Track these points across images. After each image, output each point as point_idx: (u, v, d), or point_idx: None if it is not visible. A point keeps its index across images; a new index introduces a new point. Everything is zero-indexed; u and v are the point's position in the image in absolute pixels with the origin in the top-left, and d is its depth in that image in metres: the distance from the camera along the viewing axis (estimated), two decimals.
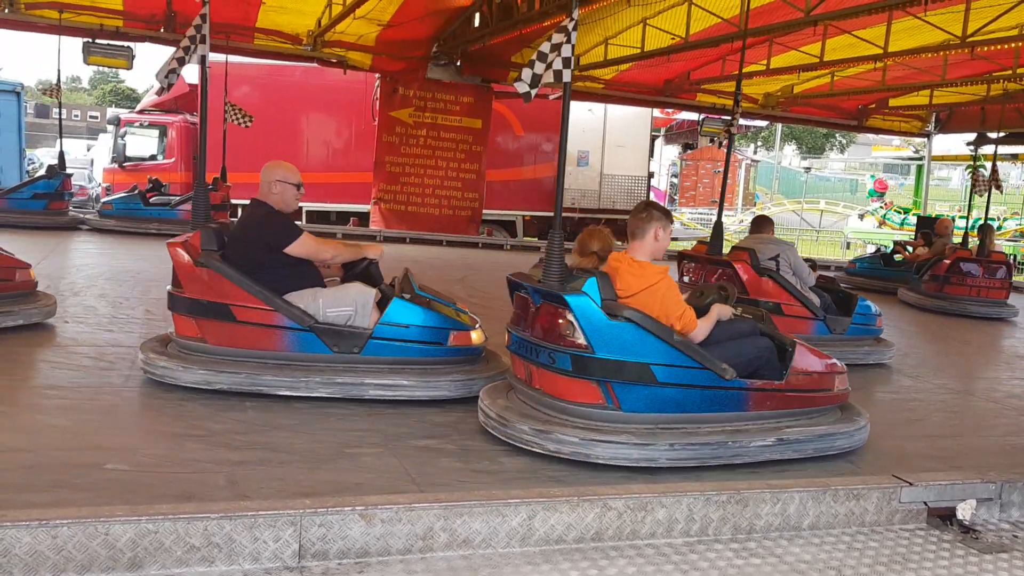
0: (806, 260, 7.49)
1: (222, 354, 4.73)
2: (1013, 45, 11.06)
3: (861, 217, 26.79)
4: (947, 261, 10.91)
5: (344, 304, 4.82)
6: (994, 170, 11.89)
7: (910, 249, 13.12)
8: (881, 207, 26.45)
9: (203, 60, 5.69)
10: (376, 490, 3.45)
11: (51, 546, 2.66)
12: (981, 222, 12.28)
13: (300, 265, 4.86)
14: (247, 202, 5.45)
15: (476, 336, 5.13)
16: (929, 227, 16.87)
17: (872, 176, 30.19)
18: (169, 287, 4.99)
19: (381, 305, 4.90)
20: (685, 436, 4.07)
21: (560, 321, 4.05)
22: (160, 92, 12.55)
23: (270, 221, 4.86)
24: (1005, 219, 25.21)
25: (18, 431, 3.93)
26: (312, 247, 4.89)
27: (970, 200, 13.77)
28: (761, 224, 7.75)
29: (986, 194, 11.85)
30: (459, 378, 4.92)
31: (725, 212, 29.18)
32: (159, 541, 2.74)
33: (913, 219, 24.64)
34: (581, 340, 3.99)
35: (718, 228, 7.75)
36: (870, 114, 17.97)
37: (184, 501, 3.13)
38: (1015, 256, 21.57)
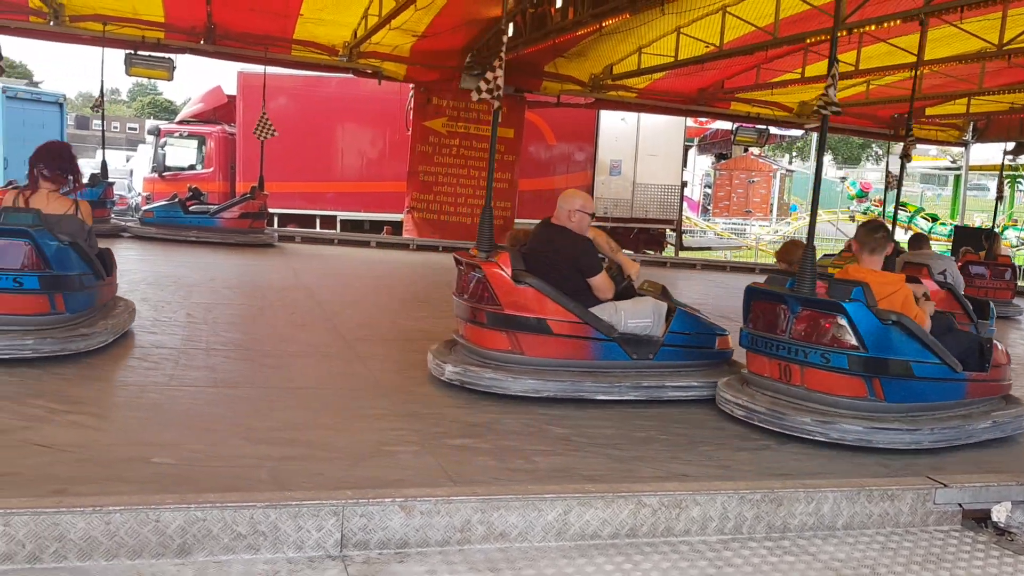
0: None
1: (537, 364, 5.19)
2: None
3: (852, 218, 26.58)
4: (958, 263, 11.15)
5: (644, 316, 5.38)
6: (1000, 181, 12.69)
7: None
8: (870, 207, 26.12)
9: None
10: (414, 485, 3.52)
11: (104, 532, 2.76)
12: (987, 228, 12.83)
13: None
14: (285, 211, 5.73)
15: (730, 340, 5.77)
16: (969, 238, 16.70)
17: (853, 183, 29.76)
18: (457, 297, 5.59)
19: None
20: (937, 422, 4.71)
21: (833, 325, 4.63)
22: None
23: (583, 250, 5.32)
24: (1004, 227, 24.97)
25: (68, 427, 4.06)
26: (603, 285, 5.35)
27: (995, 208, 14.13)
28: (920, 241, 8.99)
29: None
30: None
31: (760, 223, 29.02)
32: (207, 528, 2.83)
33: (942, 228, 24.43)
34: (853, 341, 4.56)
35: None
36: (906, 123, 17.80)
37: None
38: None
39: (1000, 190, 14.06)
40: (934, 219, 26.41)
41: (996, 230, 15.09)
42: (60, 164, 5.63)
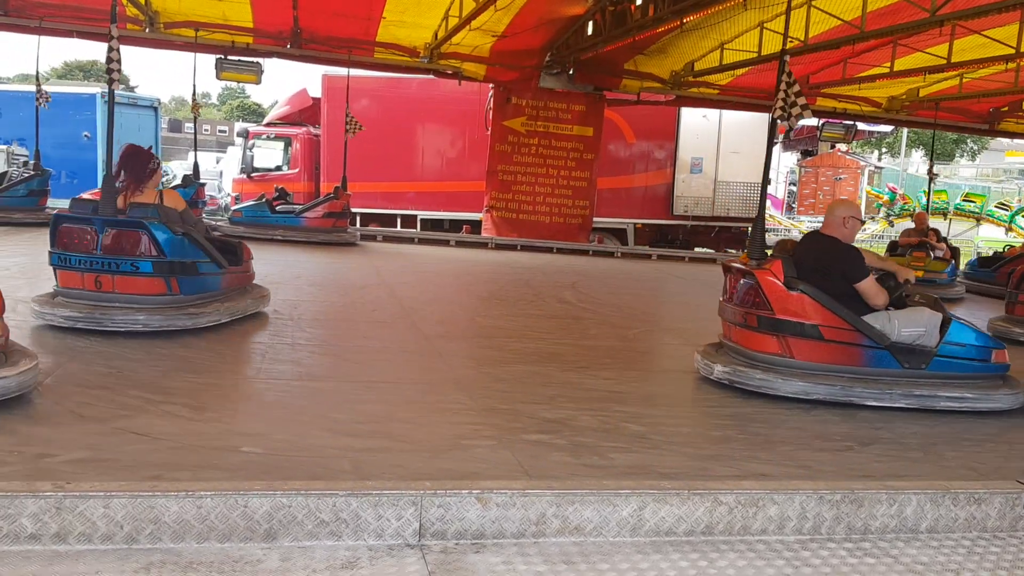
0: None
1: (806, 368, 5.39)
2: None
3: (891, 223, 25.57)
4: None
5: (917, 325, 5.41)
6: None
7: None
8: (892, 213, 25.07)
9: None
10: (491, 478, 3.57)
11: (196, 515, 2.90)
12: None
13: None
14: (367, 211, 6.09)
15: (1007, 354, 5.70)
16: None
17: (876, 189, 28.35)
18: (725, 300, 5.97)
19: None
20: None
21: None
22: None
23: (852, 256, 5.46)
24: None
25: (162, 416, 4.25)
26: (872, 291, 5.42)
27: None
28: None
29: None
30: (1008, 392, 5.47)
31: None
32: (292, 515, 2.94)
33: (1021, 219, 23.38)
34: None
35: None
36: (1002, 117, 17.12)
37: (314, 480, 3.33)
38: None
39: None
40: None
41: None
42: (133, 167, 6.15)
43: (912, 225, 13.88)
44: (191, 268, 6.04)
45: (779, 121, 6.37)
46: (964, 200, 25.46)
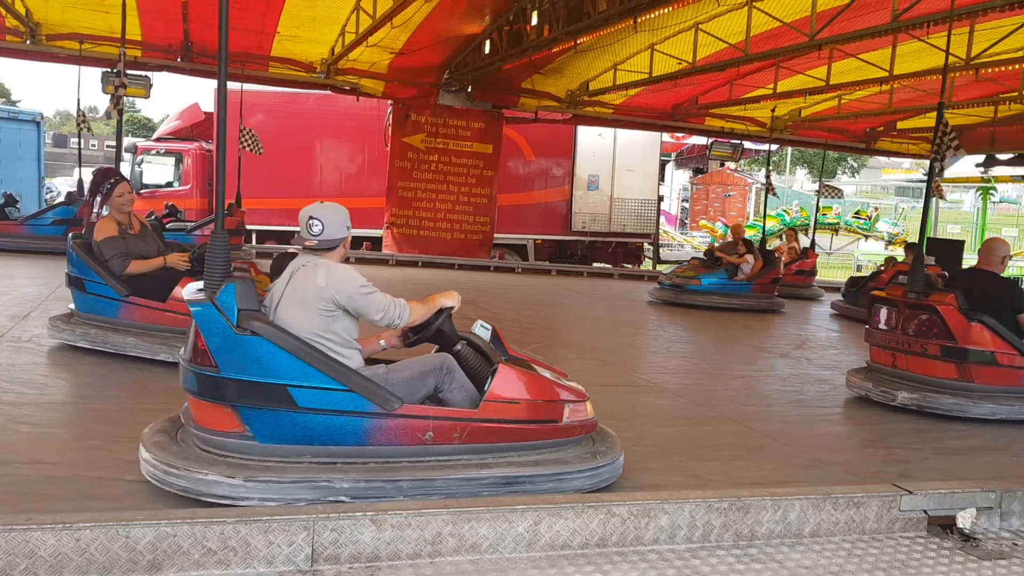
0: None
1: (985, 391, 5.94)
2: (1018, 66, 11.18)
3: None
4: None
5: None
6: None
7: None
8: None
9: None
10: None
11: (74, 548, 2.77)
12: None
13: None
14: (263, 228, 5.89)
15: None
16: (940, 248, 16.95)
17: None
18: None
19: None
20: None
21: None
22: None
23: (1015, 290, 6.15)
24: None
25: (40, 443, 4.05)
26: None
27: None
28: None
29: None
30: None
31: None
32: (177, 544, 2.85)
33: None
34: None
35: None
36: (878, 136, 18.09)
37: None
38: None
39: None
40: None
41: None
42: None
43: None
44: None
45: (935, 161, 6.92)
46: (854, 217, 26.71)
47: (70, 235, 6.17)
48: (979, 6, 8.40)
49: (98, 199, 6.19)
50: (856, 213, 27.14)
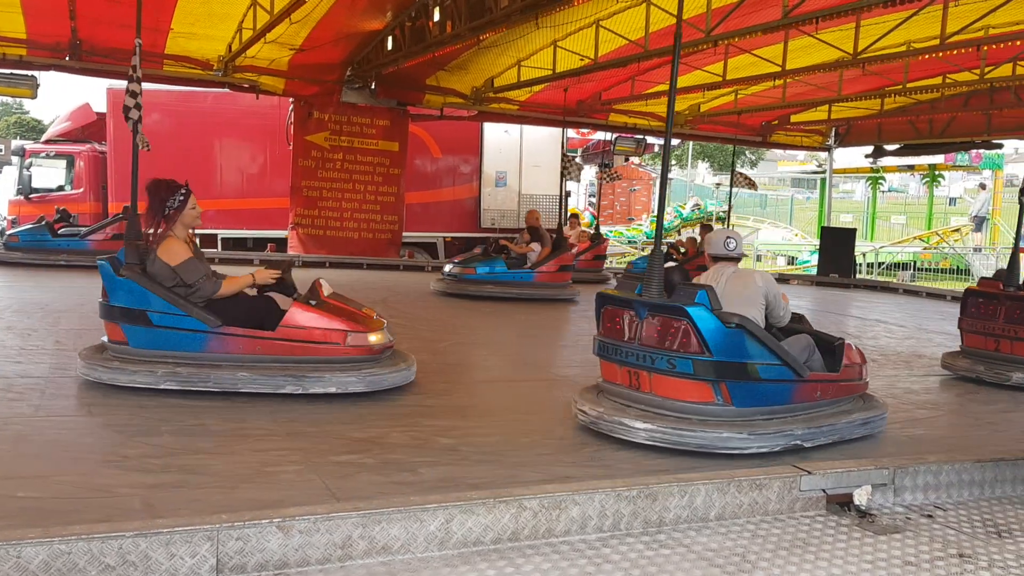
0: None
1: None
2: (901, 61, 11.71)
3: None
4: None
5: None
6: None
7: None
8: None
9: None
10: (294, 504, 3.48)
11: None
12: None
13: None
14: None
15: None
16: (834, 238, 17.63)
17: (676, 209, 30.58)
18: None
19: None
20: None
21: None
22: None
23: None
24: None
25: None
26: None
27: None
28: None
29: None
30: None
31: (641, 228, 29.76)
32: (73, 562, 2.73)
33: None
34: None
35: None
36: (773, 130, 18.68)
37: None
38: (914, 262, 22.69)
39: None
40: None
41: None
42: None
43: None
44: None
45: None
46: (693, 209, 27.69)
47: (104, 261, 5.42)
48: (863, 2, 8.75)
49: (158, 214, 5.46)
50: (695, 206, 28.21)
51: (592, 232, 15.85)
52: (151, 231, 5.40)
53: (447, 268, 11.84)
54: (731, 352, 4.48)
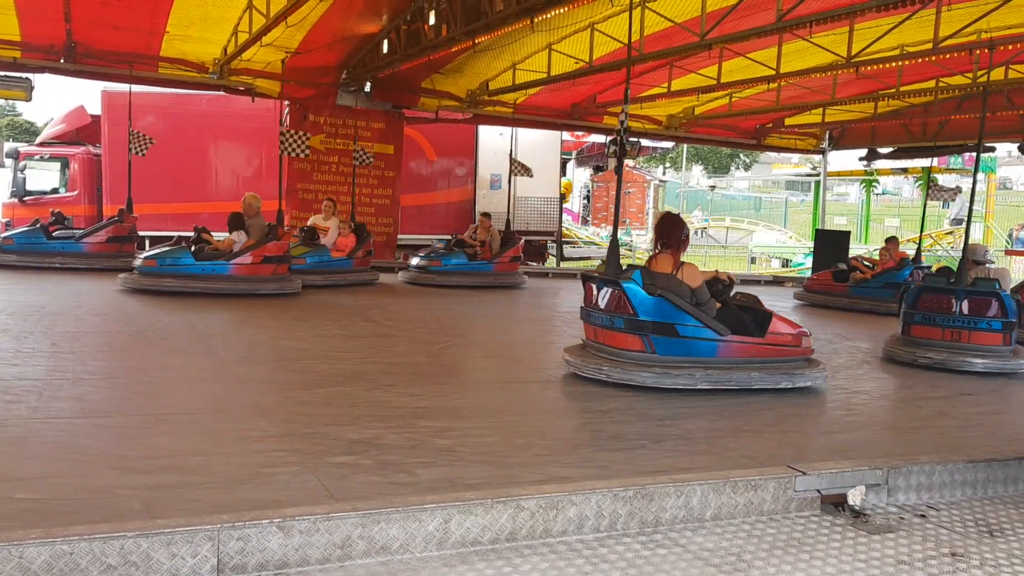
0: None
1: None
2: (895, 64, 11.78)
3: None
4: None
5: None
6: None
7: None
8: None
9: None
10: (293, 505, 3.50)
11: None
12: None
13: None
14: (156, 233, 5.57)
15: None
16: (828, 240, 17.66)
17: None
18: None
19: None
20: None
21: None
22: None
23: None
24: None
25: None
26: None
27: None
28: None
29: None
30: None
31: (636, 232, 29.89)
32: (75, 562, 2.75)
33: None
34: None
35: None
36: (768, 133, 18.76)
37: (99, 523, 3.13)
38: None
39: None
40: None
41: None
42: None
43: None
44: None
45: None
46: None
47: (630, 282, 6.16)
48: (857, 7, 8.81)
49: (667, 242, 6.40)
50: None
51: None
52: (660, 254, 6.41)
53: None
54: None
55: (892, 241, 13.45)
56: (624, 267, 6.50)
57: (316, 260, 12.00)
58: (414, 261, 13.22)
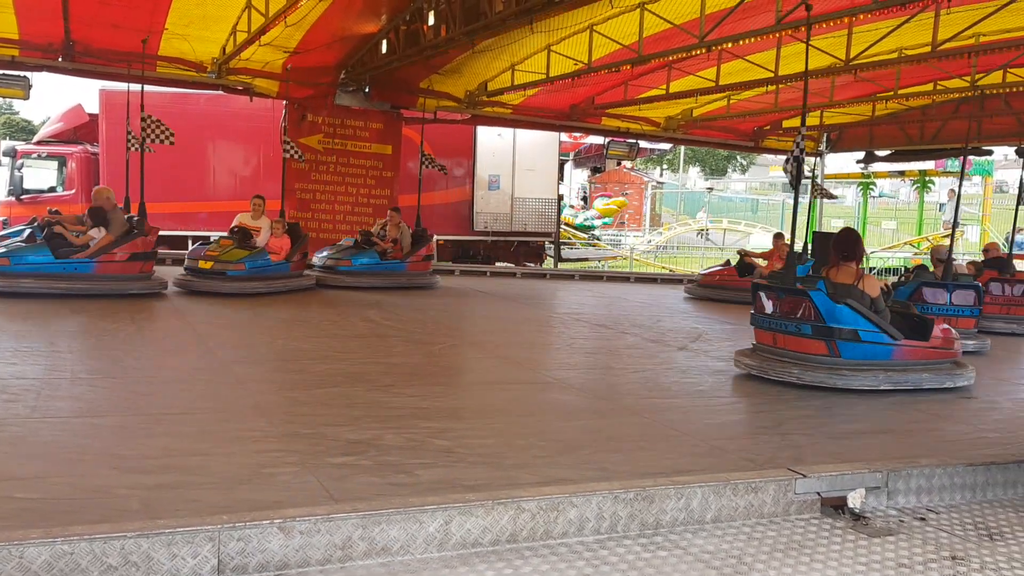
0: None
1: None
2: (893, 67, 11.80)
3: None
4: None
5: None
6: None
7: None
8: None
9: None
10: (293, 506, 3.49)
11: None
12: None
13: None
14: (164, 232, 5.51)
15: None
16: (824, 242, 17.65)
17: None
18: None
19: None
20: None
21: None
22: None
23: None
24: None
25: None
26: None
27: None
28: None
29: None
30: None
31: (633, 233, 29.89)
32: (75, 562, 2.74)
33: None
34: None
35: None
36: (765, 135, 18.77)
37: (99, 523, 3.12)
38: (904, 267, 22.84)
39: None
40: None
41: None
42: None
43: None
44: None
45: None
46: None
47: (817, 291, 6.64)
48: (857, 8, 8.82)
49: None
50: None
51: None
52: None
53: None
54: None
55: (780, 237, 13.72)
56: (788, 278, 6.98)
57: (256, 265, 10.86)
58: (317, 260, 12.34)
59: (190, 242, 16.24)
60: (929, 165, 24.07)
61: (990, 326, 10.36)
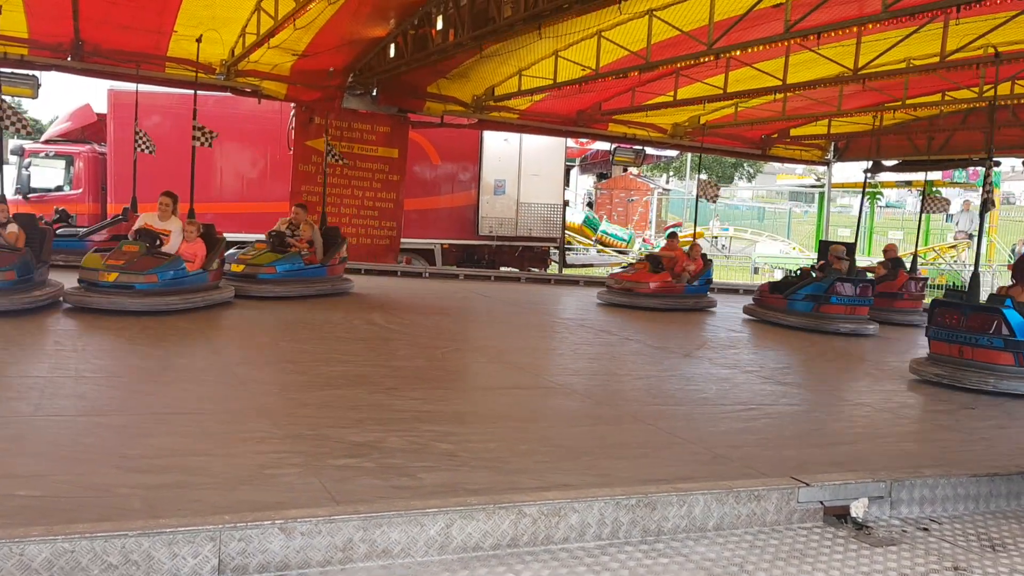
0: None
1: None
2: (901, 77, 11.79)
3: None
4: None
5: None
6: None
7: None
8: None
9: None
10: (295, 506, 3.48)
11: None
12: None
13: None
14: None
15: None
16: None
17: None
18: None
19: None
20: None
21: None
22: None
23: None
24: None
25: None
26: None
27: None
28: None
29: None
30: None
31: (639, 240, 29.86)
32: (76, 560, 2.74)
33: None
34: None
35: None
36: (773, 143, 18.75)
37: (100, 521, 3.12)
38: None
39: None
40: None
41: None
42: None
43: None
44: None
45: None
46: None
47: (1010, 309, 7.37)
48: (865, 18, 8.82)
49: None
50: None
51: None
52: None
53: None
54: None
55: (674, 236, 13.83)
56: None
57: (171, 277, 8.86)
58: (231, 267, 10.56)
59: None
60: (936, 176, 23.98)
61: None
